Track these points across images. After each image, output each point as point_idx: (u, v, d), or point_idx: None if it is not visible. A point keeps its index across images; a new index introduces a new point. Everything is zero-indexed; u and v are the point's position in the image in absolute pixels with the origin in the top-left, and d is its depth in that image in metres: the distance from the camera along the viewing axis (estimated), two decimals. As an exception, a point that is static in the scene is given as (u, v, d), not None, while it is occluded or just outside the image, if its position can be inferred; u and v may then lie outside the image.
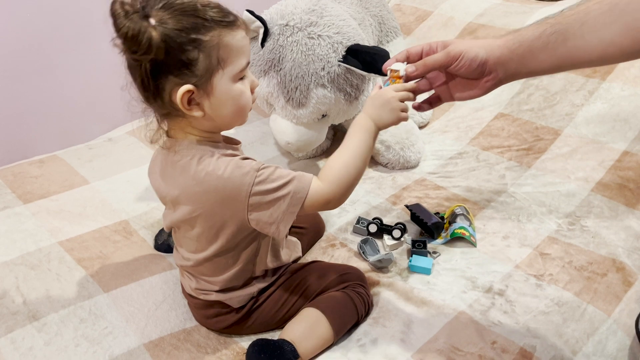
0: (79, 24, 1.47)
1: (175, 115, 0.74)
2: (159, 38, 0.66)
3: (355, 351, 0.85)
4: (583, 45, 0.69)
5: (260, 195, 0.74)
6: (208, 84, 0.71)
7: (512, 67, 0.76)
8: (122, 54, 0.70)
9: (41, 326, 0.89)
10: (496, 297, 0.94)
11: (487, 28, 1.64)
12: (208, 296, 0.86)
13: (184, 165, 0.76)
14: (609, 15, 0.67)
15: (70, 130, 1.54)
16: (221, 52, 0.70)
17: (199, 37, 0.68)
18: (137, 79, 0.71)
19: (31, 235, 1.08)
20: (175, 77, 0.69)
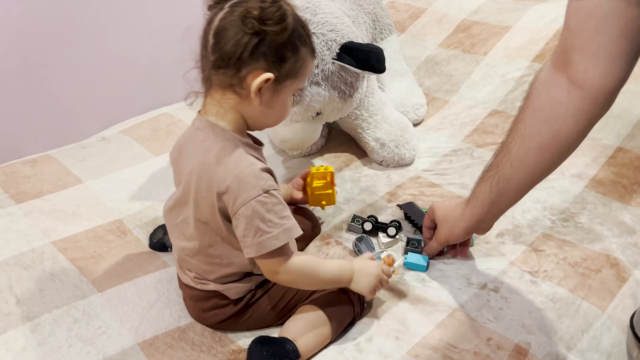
0: (71, 22, 1.47)
1: (232, 91, 0.77)
2: (291, 27, 0.74)
3: (350, 349, 0.85)
4: (522, 178, 0.82)
5: (251, 213, 0.76)
6: (280, 83, 0.78)
7: (489, 220, 0.91)
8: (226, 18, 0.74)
9: (34, 327, 0.88)
10: (491, 294, 0.94)
11: (480, 25, 1.64)
12: (206, 286, 0.86)
13: (208, 146, 0.79)
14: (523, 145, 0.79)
15: (63, 130, 1.53)
16: (302, 67, 0.80)
17: (300, 45, 0.78)
18: (227, 45, 0.74)
19: (24, 235, 1.08)
20: (265, 62, 0.75)
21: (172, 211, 0.86)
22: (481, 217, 0.89)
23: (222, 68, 0.76)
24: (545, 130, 0.76)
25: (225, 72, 0.76)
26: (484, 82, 1.52)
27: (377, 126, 1.31)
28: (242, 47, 0.73)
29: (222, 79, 0.77)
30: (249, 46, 0.73)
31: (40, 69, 1.46)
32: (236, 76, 0.75)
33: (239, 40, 0.73)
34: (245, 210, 0.76)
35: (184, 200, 0.83)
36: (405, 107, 1.45)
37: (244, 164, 0.77)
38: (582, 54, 0.68)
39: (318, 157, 1.38)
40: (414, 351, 0.84)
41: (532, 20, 1.58)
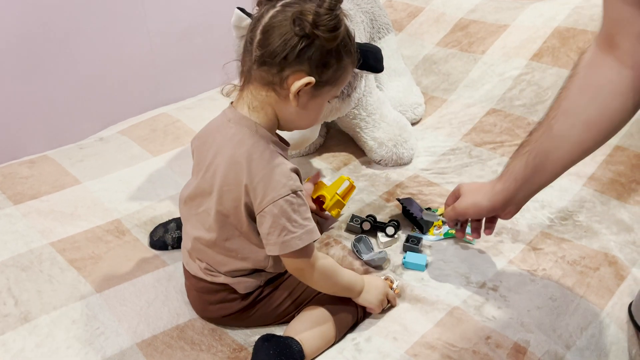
0: (69, 22, 1.46)
1: (272, 89, 0.78)
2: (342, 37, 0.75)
3: (350, 349, 0.85)
4: (563, 155, 0.80)
5: (278, 211, 0.77)
6: (320, 89, 0.78)
7: (521, 197, 0.85)
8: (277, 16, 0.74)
9: (32, 328, 0.88)
10: (490, 293, 0.94)
11: (478, 24, 1.64)
12: (216, 278, 0.86)
13: (240, 140, 0.80)
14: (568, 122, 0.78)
15: (61, 130, 1.53)
16: (342, 76, 0.81)
17: (344, 55, 0.78)
18: (276, 43, 0.74)
19: (22, 237, 1.07)
20: (309, 66, 0.75)
21: (194, 200, 0.86)
22: (512, 193, 0.84)
23: (265, 65, 0.76)
24: (592, 108, 0.75)
25: (268, 69, 0.76)
26: (481, 80, 1.52)
27: (375, 125, 1.31)
28: (290, 47, 0.74)
29: (264, 76, 0.77)
30: (296, 48, 0.74)
31: (38, 69, 1.45)
32: (278, 75, 0.76)
33: (288, 40, 0.73)
34: (273, 208, 0.76)
35: (208, 190, 0.83)
36: (404, 106, 1.45)
37: (275, 162, 0.78)
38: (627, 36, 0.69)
39: (317, 156, 1.37)
40: (413, 350, 0.84)
41: (530, 19, 1.58)
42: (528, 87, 1.42)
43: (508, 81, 1.47)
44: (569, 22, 1.49)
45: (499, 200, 0.86)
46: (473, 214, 0.90)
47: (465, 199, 0.90)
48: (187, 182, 0.89)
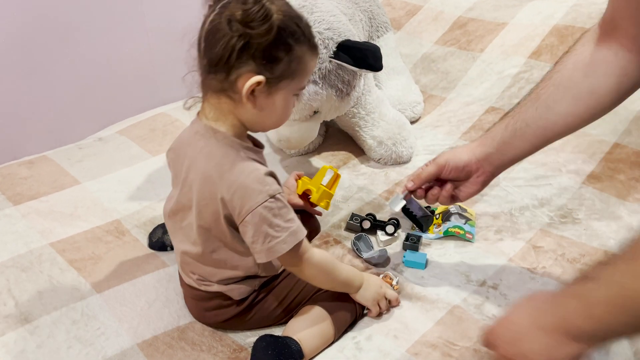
0: (67, 22, 1.46)
1: (226, 95, 0.76)
2: (275, 27, 0.71)
3: (350, 348, 0.85)
4: (545, 124, 0.79)
5: (258, 219, 0.75)
6: (275, 85, 0.75)
7: (495, 159, 0.85)
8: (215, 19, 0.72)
9: (33, 329, 0.88)
10: (490, 291, 0.94)
11: (476, 22, 1.64)
12: (209, 287, 0.86)
13: (209, 153, 0.78)
14: (557, 93, 0.77)
15: (60, 130, 1.53)
16: (299, 66, 0.76)
17: (293, 44, 0.74)
18: (216, 48, 0.72)
19: (22, 237, 1.07)
20: (255, 64, 0.72)
21: (176, 215, 0.85)
22: (488, 150, 0.84)
23: (212, 73, 0.74)
24: (584, 84, 0.74)
25: (216, 76, 0.74)
26: (480, 79, 1.52)
27: (374, 124, 1.31)
28: (230, 50, 0.71)
29: (214, 84, 0.76)
30: (235, 49, 0.71)
31: (36, 70, 1.45)
32: (227, 80, 0.74)
33: (226, 43, 0.71)
34: (253, 217, 0.75)
35: (188, 205, 0.82)
36: (402, 104, 1.45)
37: (248, 170, 0.76)
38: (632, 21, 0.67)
39: (316, 155, 1.37)
40: (414, 349, 0.84)
41: (528, 17, 1.58)
42: (527, 85, 1.42)
43: (507, 79, 1.47)
44: (567, 20, 1.49)
45: (477, 154, 0.86)
46: (452, 165, 0.88)
47: (444, 154, 0.90)
48: (169, 194, 0.88)
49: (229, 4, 0.72)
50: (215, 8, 0.74)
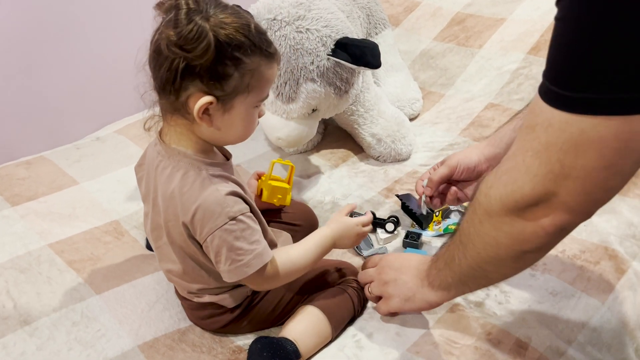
0: (63, 21, 1.45)
1: (180, 115, 0.73)
2: (213, 45, 0.67)
3: (351, 346, 0.85)
4: None
5: (218, 242, 0.74)
6: (229, 102, 0.72)
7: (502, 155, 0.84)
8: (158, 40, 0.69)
9: (33, 330, 0.88)
10: (490, 289, 0.94)
11: (475, 18, 1.64)
12: (201, 298, 0.86)
13: (169, 175, 0.76)
14: None
15: (57, 130, 1.52)
16: (254, 78, 0.72)
17: (242, 57, 0.70)
18: (161, 71, 0.69)
19: (20, 238, 1.07)
20: (203, 84, 0.69)
21: (153, 233, 0.83)
22: (496, 151, 0.87)
23: (162, 93, 0.72)
24: None
25: (167, 97, 0.71)
26: (479, 75, 1.51)
27: (373, 121, 1.31)
28: (173, 72, 0.68)
29: (167, 104, 0.73)
30: (178, 71, 0.68)
31: (33, 69, 1.44)
32: (178, 101, 0.71)
33: (169, 65, 0.68)
34: (212, 240, 0.74)
35: (160, 224, 0.80)
36: (401, 101, 1.45)
37: (207, 192, 0.73)
38: None
39: (314, 153, 1.37)
40: (415, 347, 0.83)
41: (527, 12, 1.57)
42: (526, 81, 1.42)
43: (506, 75, 1.46)
44: (566, 15, 1.49)
45: (485, 155, 0.88)
46: (463, 167, 0.91)
47: (455, 156, 0.92)
48: (144, 210, 0.86)
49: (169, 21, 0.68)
50: (160, 26, 0.70)
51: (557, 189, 0.53)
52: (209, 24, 0.67)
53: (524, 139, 0.55)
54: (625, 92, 0.47)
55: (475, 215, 0.63)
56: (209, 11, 0.68)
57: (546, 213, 0.55)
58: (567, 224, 0.57)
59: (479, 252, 0.66)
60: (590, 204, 0.56)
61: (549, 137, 0.52)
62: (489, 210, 0.60)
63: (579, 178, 0.52)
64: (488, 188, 0.60)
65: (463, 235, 0.68)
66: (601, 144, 0.50)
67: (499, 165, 0.59)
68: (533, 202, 0.55)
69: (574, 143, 0.51)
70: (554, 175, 0.53)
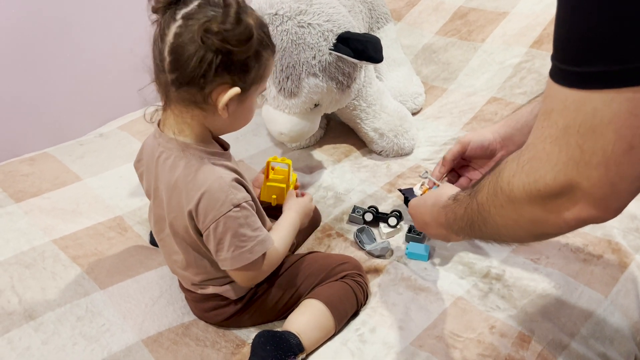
0: (66, 17, 1.45)
1: (195, 107, 0.74)
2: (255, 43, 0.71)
3: (354, 340, 0.85)
4: None
5: (222, 229, 0.75)
6: (246, 92, 0.74)
7: (518, 139, 0.85)
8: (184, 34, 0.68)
9: (38, 325, 0.88)
10: (494, 282, 0.94)
11: (477, 12, 1.63)
12: (205, 290, 0.86)
13: (172, 165, 0.77)
14: None
15: (61, 127, 1.52)
16: (265, 70, 0.76)
17: (261, 50, 0.74)
18: (189, 63, 0.69)
19: (24, 235, 1.07)
20: (231, 76, 0.71)
21: (157, 225, 0.85)
22: (512, 131, 0.85)
23: (184, 86, 0.71)
24: None
25: (188, 89, 0.72)
26: (481, 69, 1.51)
27: (375, 116, 1.30)
28: (206, 65, 0.69)
29: (185, 96, 0.73)
30: (213, 64, 0.69)
31: (36, 66, 1.44)
32: (200, 93, 0.72)
33: (201, 58, 0.68)
34: (217, 226, 0.75)
35: (163, 217, 0.81)
36: (404, 96, 1.45)
37: (211, 179, 0.75)
38: None
39: (317, 148, 1.37)
40: (418, 341, 0.84)
41: (529, 6, 1.57)
42: (529, 75, 1.41)
43: (508, 69, 1.46)
44: (569, 8, 1.48)
45: (500, 134, 0.87)
46: (476, 143, 0.90)
47: (468, 134, 0.92)
48: (149, 205, 0.86)
49: (195, 16, 0.69)
50: (174, 18, 0.70)
51: (579, 178, 0.49)
52: (252, 20, 0.71)
53: (541, 126, 0.52)
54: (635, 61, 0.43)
55: (496, 199, 0.61)
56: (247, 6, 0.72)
57: (569, 206, 0.52)
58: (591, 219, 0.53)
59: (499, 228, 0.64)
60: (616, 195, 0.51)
61: (565, 121, 0.49)
62: (512, 198, 0.57)
63: (600, 165, 0.48)
64: (511, 176, 0.57)
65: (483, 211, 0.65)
66: (617, 122, 0.45)
67: (520, 153, 0.56)
68: (556, 192, 0.52)
69: (590, 124, 0.47)
70: (574, 163, 0.49)
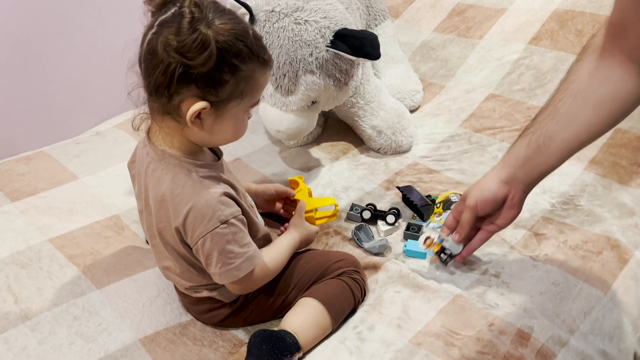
0: (62, 16, 1.45)
1: (169, 117, 0.73)
2: (215, 54, 0.67)
3: (352, 338, 0.85)
4: (569, 136, 0.78)
5: (209, 245, 0.74)
6: (222, 107, 0.71)
7: (524, 177, 0.83)
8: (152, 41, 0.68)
9: (34, 325, 0.88)
10: (492, 279, 0.94)
11: (475, 8, 1.63)
12: (198, 293, 0.86)
13: (159, 177, 0.76)
14: (576, 104, 0.76)
15: (57, 125, 1.52)
16: (248, 85, 0.72)
17: (239, 64, 0.69)
18: (155, 73, 0.68)
19: (21, 234, 1.07)
20: (198, 89, 0.69)
21: (148, 231, 0.84)
22: (513, 171, 0.82)
23: (154, 95, 0.71)
24: (603, 90, 0.73)
25: (158, 99, 0.70)
26: (480, 66, 1.50)
27: (373, 114, 1.30)
28: (169, 76, 0.67)
29: (157, 106, 0.72)
30: (175, 75, 0.67)
31: (32, 64, 1.44)
32: (170, 104, 0.70)
33: (165, 69, 0.67)
34: (204, 243, 0.74)
35: (152, 224, 0.80)
36: (402, 93, 1.44)
37: (198, 195, 0.74)
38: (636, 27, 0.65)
39: (315, 146, 1.36)
40: (417, 339, 0.83)
41: (528, 2, 1.56)
42: (527, 72, 1.41)
43: (506, 66, 1.45)
44: (567, 5, 1.47)
45: (503, 178, 0.84)
46: (484, 201, 0.85)
47: (472, 193, 0.87)
48: (139, 208, 0.85)
49: (165, 24, 0.67)
50: (153, 24, 0.69)
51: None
52: (211, 31, 0.67)
53: None
54: None
55: None
56: (209, 16, 0.68)
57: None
58: None
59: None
60: None
61: None
62: None
63: None
64: None
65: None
66: None
67: None
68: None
69: None
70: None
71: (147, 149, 0.78)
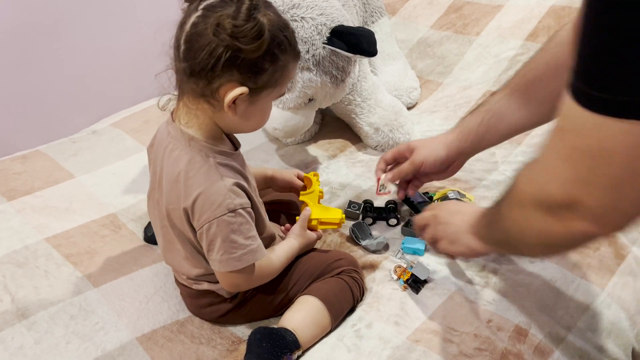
0: (58, 15, 1.44)
1: (204, 100, 0.73)
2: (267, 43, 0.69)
3: (350, 336, 0.85)
4: (517, 119, 0.84)
5: (214, 231, 0.74)
6: (257, 95, 0.73)
7: (469, 151, 0.93)
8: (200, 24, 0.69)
9: (30, 324, 0.87)
10: (490, 276, 0.93)
11: (472, 5, 1.62)
12: (200, 285, 0.85)
13: (177, 157, 0.76)
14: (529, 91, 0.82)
15: (53, 124, 1.51)
16: (282, 75, 0.75)
17: (279, 54, 0.72)
18: (200, 54, 0.69)
19: (17, 233, 1.06)
20: (240, 74, 0.70)
21: (158, 213, 0.83)
22: (464, 145, 0.90)
23: (193, 77, 0.71)
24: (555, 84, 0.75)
25: (197, 81, 0.71)
26: (477, 62, 1.50)
27: (370, 111, 1.30)
28: (215, 58, 0.68)
29: (194, 88, 0.72)
30: (221, 59, 0.68)
31: (28, 63, 1.43)
32: (208, 87, 0.71)
33: (212, 51, 0.68)
34: (209, 228, 0.74)
35: (162, 206, 0.80)
36: (399, 90, 1.44)
37: (211, 180, 0.74)
38: None
39: (312, 144, 1.36)
40: (415, 336, 0.83)
41: (524, -1, 1.56)
42: (524, 68, 1.41)
43: (504, 62, 1.45)
44: (564, 1, 1.47)
45: (453, 150, 0.91)
46: (430, 164, 0.93)
47: (421, 151, 0.94)
48: (148, 193, 0.86)
49: (214, 9, 0.69)
50: (197, 8, 0.70)
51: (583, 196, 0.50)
52: (266, 20, 0.70)
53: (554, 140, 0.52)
54: None
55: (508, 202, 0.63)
56: (261, 6, 0.70)
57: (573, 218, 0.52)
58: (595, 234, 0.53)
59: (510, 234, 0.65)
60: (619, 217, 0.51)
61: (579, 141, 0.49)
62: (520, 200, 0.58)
63: (606, 187, 0.48)
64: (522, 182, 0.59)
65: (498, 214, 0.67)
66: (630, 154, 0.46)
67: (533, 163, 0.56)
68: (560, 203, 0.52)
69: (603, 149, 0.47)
70: (581, 182, 0.50)
71: (169, 129, 0.79)
